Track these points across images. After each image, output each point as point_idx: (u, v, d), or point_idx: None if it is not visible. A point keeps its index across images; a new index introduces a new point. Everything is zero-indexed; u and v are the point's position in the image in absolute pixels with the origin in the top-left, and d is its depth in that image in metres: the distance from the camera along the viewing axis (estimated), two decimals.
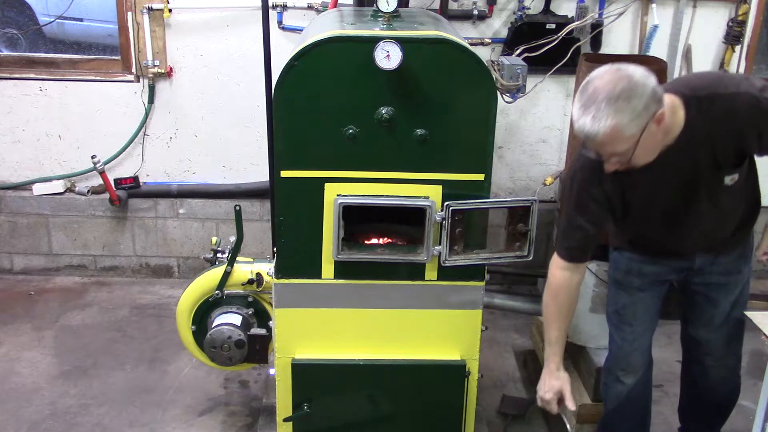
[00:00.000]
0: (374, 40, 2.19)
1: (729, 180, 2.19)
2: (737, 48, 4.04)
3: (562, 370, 2.41)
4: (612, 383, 2.64)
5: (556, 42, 3.73)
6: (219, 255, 2.95)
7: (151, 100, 4.14)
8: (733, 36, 3.98)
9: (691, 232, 2.34)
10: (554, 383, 2.39)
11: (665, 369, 2.71)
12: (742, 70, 4.11)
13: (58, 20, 4.33)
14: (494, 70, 2.95)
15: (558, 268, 2.37)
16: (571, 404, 2.37)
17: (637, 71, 1.95)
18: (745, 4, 3.94)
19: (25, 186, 4.32)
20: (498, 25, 4.03)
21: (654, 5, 3.93)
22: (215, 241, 3.02)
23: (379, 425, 2.72)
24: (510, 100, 3.12)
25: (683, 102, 2.10)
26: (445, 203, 2.37)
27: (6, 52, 4.33)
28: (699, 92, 2.10)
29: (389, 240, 2.59)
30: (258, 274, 2.86)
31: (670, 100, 2.07)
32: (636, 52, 4.00)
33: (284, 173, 2.38)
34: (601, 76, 1.94)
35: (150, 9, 3.97)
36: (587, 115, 1.93)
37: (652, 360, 2.67)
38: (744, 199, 2.33)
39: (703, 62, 4.08)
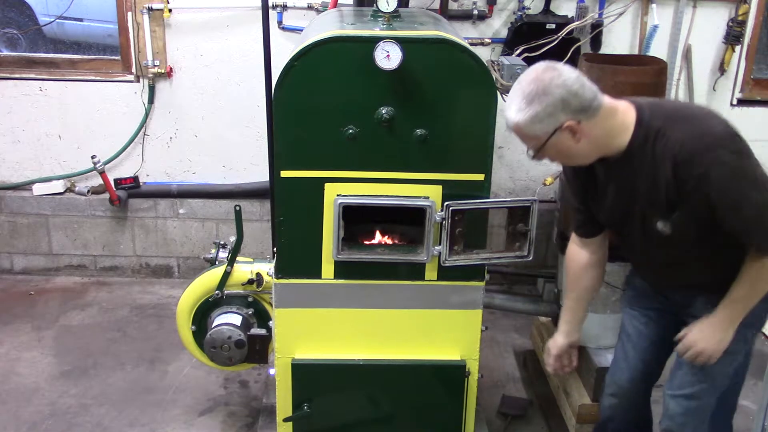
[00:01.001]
0: (374, 40, 2.19)
1: (661, 226, 1.99)
2: (737, 48, 4.04)
3: (574, 334, 2.42)
4: (606, 395, 2.53)
5: (556, 42, 3.73)
6: (221, 251, 2.95)
7: (151, 100, 4.14)
8: (733, 36, 3.98)
9: (643, 261, 2.24)
10: (559, 339, 2.42)
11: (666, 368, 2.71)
12: (742, 70, 4.12)
13: (58, 20, 4.33)
14: (494, 70, 2.96)
15: (571, 241, 2.38)
16: (575, 361, 2.45)
17: (563, 76, 1.88)
18: (745, 4, 3.94)
19: (25, 186, 4.32)
20: (498, 25, 4.03)
21: (654, 5, 3.93)
22: (215, 250, 3.01)
23: (379, 425, 2.72)
24: None
25: (636, 122, 1.96)
26: (445, 203, 2.37)
27: (6, 52, 4.33)
28: (654, 121, 1.94)
29: (389, 240, 2.59)
30: (258, 274, 2.86)
31: (623, 116, 1.96)
32: (636, 52, 4.00)
33: (284, 173, 2.38)
34: (529, 72, 1.94)
35: (150, 9, 3.97)
36: (507, 104, 1.96)
37: (648, 395, 2.50)
38: (709, 260, 2.05)
39: (703, 62, 4.08)
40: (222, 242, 2.99)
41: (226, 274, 2.87)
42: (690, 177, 1.87)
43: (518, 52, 3.71)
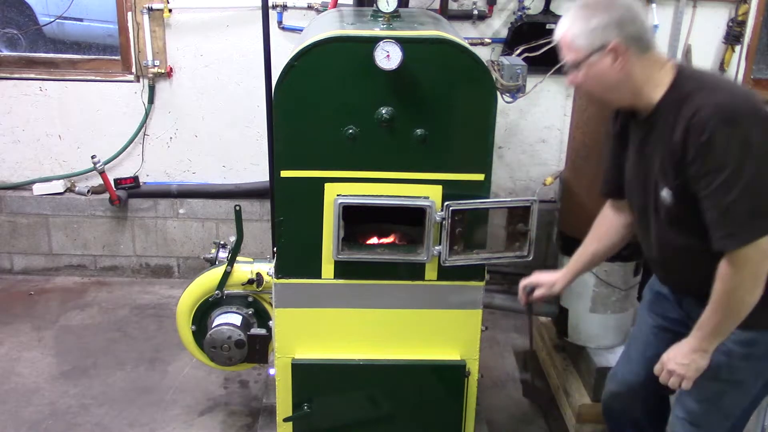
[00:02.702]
0: (374, 40, 2.19)
1: (665, 193, 1.93)
2: (737, 48, 4.04)
3: (566, 277, 2.43)
4: (606, 390, 2.50)
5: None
6: (221, 251, 2.95)
7: (151, 100, 4.14)
8: (733, 36, 3.98)
9: (651, 249, 2.11)
10: (543, 276, 2.46)
11: None
12: (741, 70, 4.12)
13: (58, 20, 4.33)
14: (494, 70, 2.96)
15: (606, 207, 2.34)
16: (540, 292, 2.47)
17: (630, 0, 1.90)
18: (745, 4, 3.94)
19: (25, 186, 4.32)
20: (498, 25, 4.03)
21: (654, 5, 3.93)
22: (215, 250, 3.02)
23: (379, 425, 2.71)
24: (510, 100, 3.13)
25: (671, 83, 1.92)
26: (445, 203, 2.37)
27: (6, 52, 4.33)
28: (687, 86, 1.88)
29: (389, 240, 2.59)
30: (258, 274, 2.86)
31: (665, 72, 1.93)
32: None
33: (284, 173, 2.38)
34: None
35: (150, 9, 3.97)
36: (563, 16, 1.98)
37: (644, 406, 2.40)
38: (706, 257, 1.88)
39: (703, 62, 4.07)
40: (222, 242, 2.99)
41: (226, 274, 2.87)
42: (694, 144, 1.80)
43: (518, 52, 3.71)
